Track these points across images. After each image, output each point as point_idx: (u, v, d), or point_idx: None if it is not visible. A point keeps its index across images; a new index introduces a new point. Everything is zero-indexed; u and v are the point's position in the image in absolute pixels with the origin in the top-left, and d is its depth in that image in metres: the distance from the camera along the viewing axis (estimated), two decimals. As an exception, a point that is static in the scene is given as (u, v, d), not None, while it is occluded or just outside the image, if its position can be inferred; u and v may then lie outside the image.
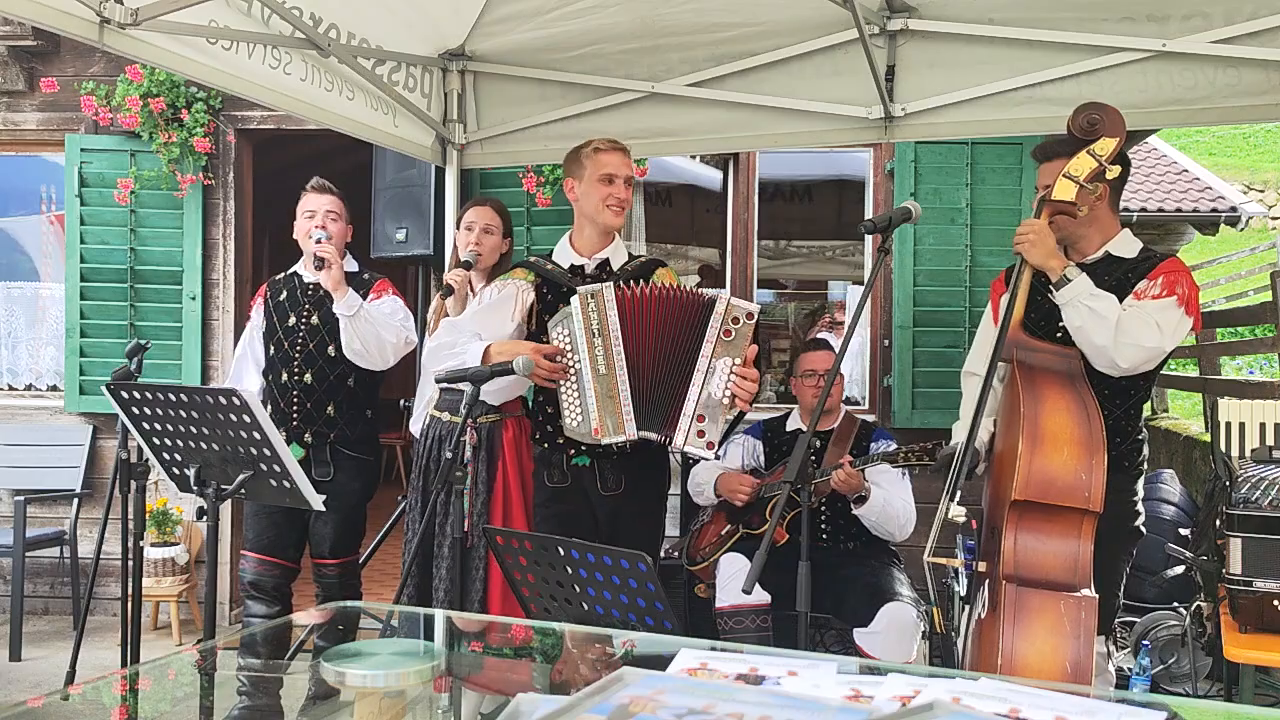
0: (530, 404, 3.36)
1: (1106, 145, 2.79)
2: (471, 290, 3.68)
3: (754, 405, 3.14)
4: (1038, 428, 2.58)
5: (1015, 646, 2.46)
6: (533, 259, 3.35)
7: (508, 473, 3.57)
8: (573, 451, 3.15)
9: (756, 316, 3.00)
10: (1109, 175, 2.81)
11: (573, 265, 3.23)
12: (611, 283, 3.04)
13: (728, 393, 2.94)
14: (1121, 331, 2.68)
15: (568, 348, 3.02)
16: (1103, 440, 2.57)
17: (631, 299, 3.00)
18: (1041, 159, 2.95)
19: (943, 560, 2.72)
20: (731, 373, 2.93)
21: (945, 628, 2.71)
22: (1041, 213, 2.79)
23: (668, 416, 2.99)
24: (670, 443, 3.02)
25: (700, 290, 3.06)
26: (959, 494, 2.68)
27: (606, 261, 3.23)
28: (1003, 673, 2.43)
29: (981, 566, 2.67)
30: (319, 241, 3.65)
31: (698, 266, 6.95)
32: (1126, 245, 2.91)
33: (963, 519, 2.69)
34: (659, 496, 3.30)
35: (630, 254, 3.29)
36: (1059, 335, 2.81)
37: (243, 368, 3.88)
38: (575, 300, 3.02)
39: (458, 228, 3.83)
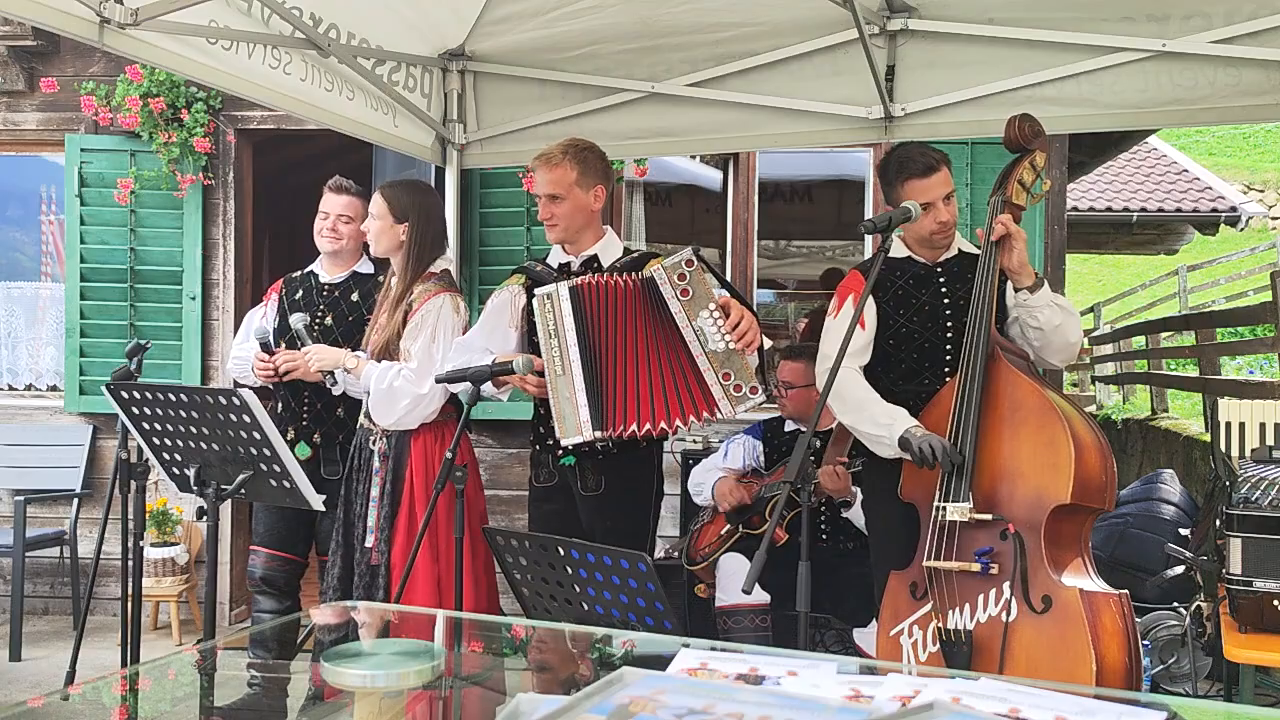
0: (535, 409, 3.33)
1: (1039, 159, 2.95)
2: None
3: (758, 406, 3.11)
4: (1076, 433, 2.66)
5: (1101, 651, 2.53)
6: (527, 263, 3.36)
7: (414, 483, 3.32)
8: (560, 452, 3.14)
9: (696, 259, 2.93)
10: (1045, 188, 2.98)
11: (561, 264, 3.23)
12: (565, 281, 3.01)
13: (729, 339, 2.89)
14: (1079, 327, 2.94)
15: (542, 345, 3.01)
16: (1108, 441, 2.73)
17: (587, 295, 2.97)
18: (924, 173, 2.92)
19: (944, 564, 2.71)
20: (715, 320, 2.90)
21: (956, 635, 2.71)
22: (1003, 216, 2.91)
23: (693, 399, 2.92)
24: (718, 415, 2.94)
25: (632, 275, 3.02)
26: (963, 492, 2.70)
27: (594, 258, 3.20)
28: (1097, 682, 2.49)
29: (994, 569, 2.67)
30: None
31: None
32: (967, 244, 3.09)
33: (963, 518, 2.69)
34: (642, 499, 3.21)
35: (626, 249, 3.27)
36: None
37: (246, 344, 3.86)
38: (534, 302, 3.01)
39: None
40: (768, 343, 3.04)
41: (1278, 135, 20.84)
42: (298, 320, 3.51)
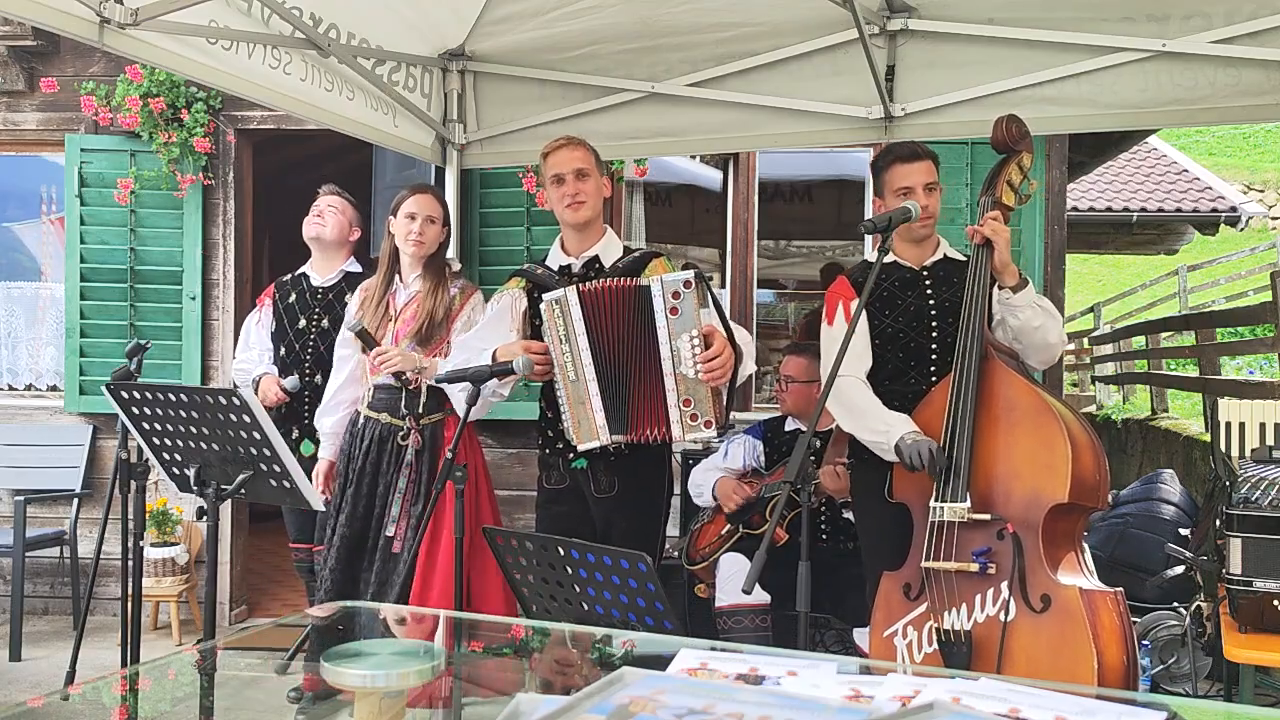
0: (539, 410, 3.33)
1: (1026, 160, 3.00)
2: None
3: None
4: (1072, 432, 2.68)
5: (1101, 649, 2.55)
6: (525, 266, 3.34)
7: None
8: (571, 455, 3.14)
9: (695, 282, 2.91)
10: (1031, 189, 3.05)
11: (561, 266, 3.22)
12: (574, 286, 3.00)
13: (698, 368, 2.89)
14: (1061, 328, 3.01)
15: (553, 351, 3.01)
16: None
17: (594, 300, 2.96)
18: (908, 158, 3.02)
19: (942, 565, 2.71)
20: (694, 347, 2.89)
21: (955, 635, 2.71)
22: (992, 213, 2.95)
23: (654, 414, 2.95)
24: (670, 440, 2.99)
25: (634, 279, 3.01)
26: (960, 492, 2.71)
27: (596, 259, 3.20)
28: (1098, 681, 2.50)
29: (992, 569, 2.68)
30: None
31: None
32: (951, 250, 3.13)
33: (960, 519, 2.70)
34: (655, 499, 3.22)
35: (626, 249, 3.27)
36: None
37: (247, 352, 4.02)
38: (542, 308, 3.00)
39: (394, 215, 3.52)
40: (750, 368, 3.07)
41: (1278, 135, 20.84)
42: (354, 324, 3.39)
